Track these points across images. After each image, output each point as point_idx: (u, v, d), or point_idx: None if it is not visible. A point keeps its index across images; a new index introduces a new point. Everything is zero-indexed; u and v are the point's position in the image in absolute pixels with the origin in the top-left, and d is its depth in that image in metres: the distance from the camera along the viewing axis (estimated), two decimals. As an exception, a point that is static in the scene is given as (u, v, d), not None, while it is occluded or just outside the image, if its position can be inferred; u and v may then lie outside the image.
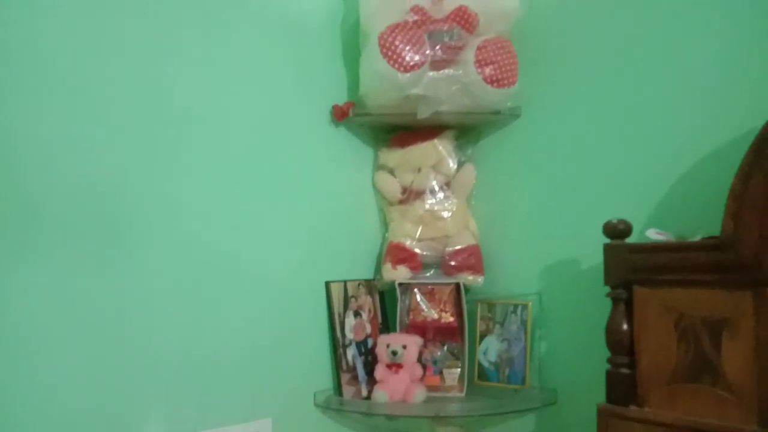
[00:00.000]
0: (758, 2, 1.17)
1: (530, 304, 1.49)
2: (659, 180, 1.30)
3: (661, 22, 1.31)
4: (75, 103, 1.14)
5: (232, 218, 1.36)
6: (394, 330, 1.56)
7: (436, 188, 1.58)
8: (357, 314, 1.55)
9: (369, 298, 1.59)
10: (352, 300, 1.55)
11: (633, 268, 1.11)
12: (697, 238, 1.11)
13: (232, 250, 1.35)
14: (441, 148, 1.59)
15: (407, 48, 1.38)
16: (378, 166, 1.65)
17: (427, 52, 1.41)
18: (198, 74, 1.32)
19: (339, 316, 1.51)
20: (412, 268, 1.54)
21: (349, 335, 1.52)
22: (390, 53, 1.37)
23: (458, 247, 1.55)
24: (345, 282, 1.54)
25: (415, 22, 1.42)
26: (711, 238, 1.07)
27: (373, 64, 1.41)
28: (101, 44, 1.18)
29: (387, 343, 1.47)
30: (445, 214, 1.57)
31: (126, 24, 1.21)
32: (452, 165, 1.59)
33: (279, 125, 1.46)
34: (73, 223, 1.13)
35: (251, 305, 1.38)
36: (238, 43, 1.39)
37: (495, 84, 1.43)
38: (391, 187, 1.61)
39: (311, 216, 1.51)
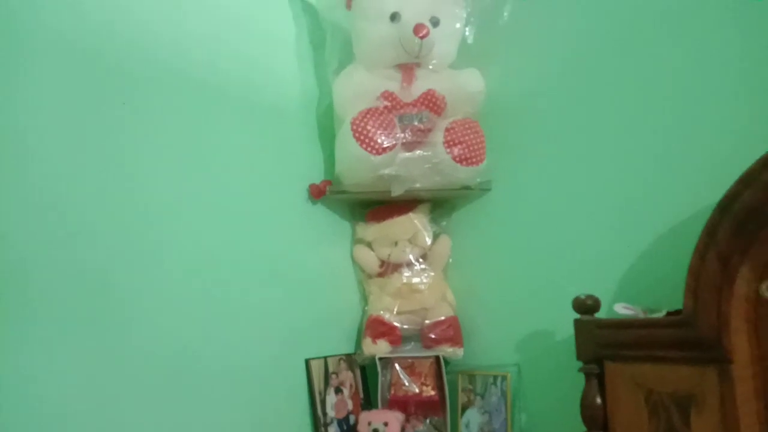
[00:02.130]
0: (713, 82, 1.24)
1: (509, 375, 1.50)
2: (627, 253, 1.33)
3: (622, 99, 1.38)
4: (62, 195, 1.18)
5: (211, 297, 1.38)
6: (376, 405, 1.56)
7: (413, 260, 1.62)
8: (338, 390, 1.55)
9: (350, 374, 1.59)
10: (333, 376, 1.55)
11: (602, 343, 1.15)
12: (663, 312, 1.15)
13: (209, 329, 1.36)
14: (416, 221, 1.64)
15: (379, 132, 1.44)
16: (356, 240, 1.69)
17: (398, 135, 1.47)
18: (177, 161, 1.36)
19: (320, 393, 1.51)
20: (392, 342, 1.56)
21: (331, 413, 1.51)
22: (362, 137, 1.43)
23: (436, 319, 1.57)
24: (325, 358, 1.55)
25: (386, 107, 1.49)
26: (675, 312, 1.11)
27: (347, 147, 1.47)
28: (83, 135, 1.22)
29: (368, 421, 1.47)
30: (422, 287, 1.60)
31: (107, 116, 1.26)
32: (428, 238, 1.63)
33: (257, 206, 1.50)
34: (62, 307, 1.16)
35: (230, 385, 1.38)
36: (217, 131, 1.44)
37: (464, 162, 1.49)
38: (370, 260, 1.65)
39: (291, 293, 1.53)
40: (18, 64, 1.15)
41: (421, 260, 1.63)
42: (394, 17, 1.49)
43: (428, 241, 1.63)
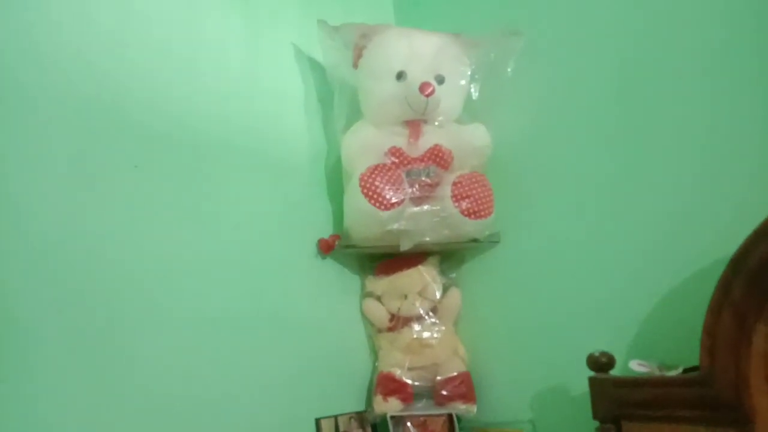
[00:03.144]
0: (726, 134, 1.24)
1: (524, 432, 1.47)
2: (639, 305, 1.32)
3: (631, 151, 1.37)
4: (70, 255, 1.19)
5: (219, 356, 1.36)
6: (389, 466, 1.52)
7: (423, 314, 1.60)
8: (349, 451, 1.52)
9: (361, 432, 1.56)
10: (344, 436, 1.52)
11: (619, 402, 1.12)
12: (679, 369, 1.12)
13: (216, 389, 1.34)
14: (426, 274, 1.63)
15: (387, 188, 1.45)
16: (365, 294, 1.68)
17: (406, 190, 1.48)
18: (186, 217, 1.37)
19: (330, 454, 1.48)
20: (403, 400, 1.53)
21: (342, 475, 1.48)
22: (371, 193, 1.44)
23: (448, 375, 1.55)
24: (336, 417, 1.52)
25: (393, 162, 1.50)
26: (692, 369, 1.09)
27: (356, 202, 1.48)
28: (91, 194, 1.23)
29: (380, 483, 1.43)
30: (433, 341, 1.58)
31: (116, 174, 1.27)
32: (437, 291, 1.62)
33: (266, 262, 1.50)
34: (67, 365, 1.15)
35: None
36: (226, 187, 1.46)
37: (472, 216, 1.49)
38: (379, 314, 1.63)
39: (299, 349, 1.51)
40: (26, 126, 1.17)
41: (431, 314, 1.62)
42: (400, 76, 1.52)
43: (438, 294, 1.62)
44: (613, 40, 1.43)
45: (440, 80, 1.53)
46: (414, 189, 1.50)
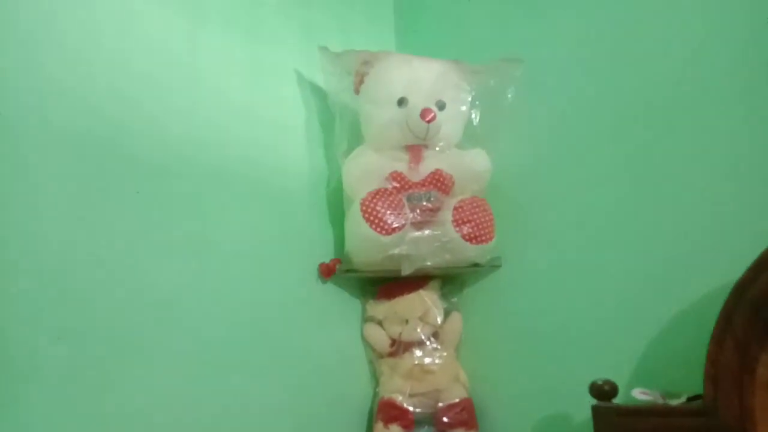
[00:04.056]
0: (726, 161, 1.23)
1: (526, 460, 1.45)
2: (643, 333, 1.30)
3: (633, 176, 1.37)
4: (67, 285, 1.18)
5: (217, 383, 1.35)
6: (390, 495, 1.50)
7: (424, 339, 1.60)
8: (350, 478, 1.50)
9: (362, 460, 1.54)
10: (345, 464, 1.50)
11: (622, 431, 1.11)
12: (683, 397, 1.11)
13: (216, 416, 1.33)
14: (427, 298, 1.62)
15: (388, 213, 1.45)
16: (366, 318, 1.67)
17: (408, 214, 1.48)
18: (186, 245, 1.36)
19: (331, 483, 1.46)
20: (405, 427, 1.52)
21: (342, 504, 1.46)
22: (372, 218, 1.45)
23: (450, 402, 1.54)
24: (336, 445, 1.51)
25: (394, 187, 1.51)
26: (696, 397, 1.08)
27: (357, 227, 1.48)
28: (91, 224, 1.23)
29: None
30: (435, 367, 1.57)
31: (116, 203, 1.27)
32: (439, 315, 1.62)
33: (266, 288, 1.48)
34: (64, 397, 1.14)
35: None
36: (227, 213, 1.45)
37: (473, 241, 1.49)
38: (380, 339, 1.63)
39: (300, 376, 1.50)
40: (26, 155, 1.17)
41: (432, 339, 1.61)
42: (401, 102, 1.53)
43: (439, 319, 1.61)
44: (613, 66, 1.44)
45: (441, 106, 1.54)
46: (415, 214, 1.50)
